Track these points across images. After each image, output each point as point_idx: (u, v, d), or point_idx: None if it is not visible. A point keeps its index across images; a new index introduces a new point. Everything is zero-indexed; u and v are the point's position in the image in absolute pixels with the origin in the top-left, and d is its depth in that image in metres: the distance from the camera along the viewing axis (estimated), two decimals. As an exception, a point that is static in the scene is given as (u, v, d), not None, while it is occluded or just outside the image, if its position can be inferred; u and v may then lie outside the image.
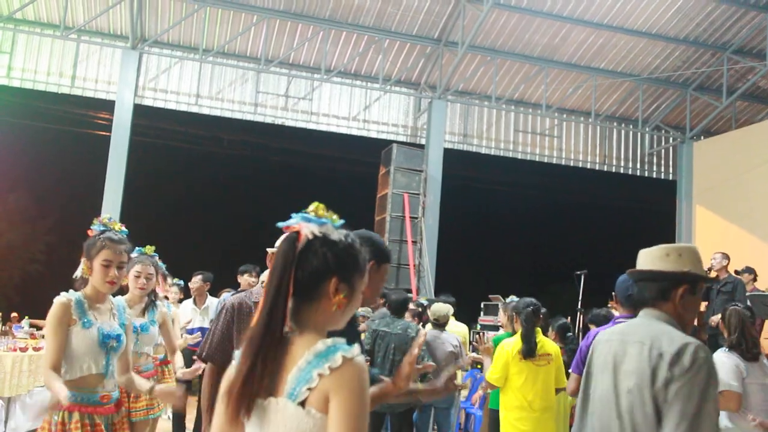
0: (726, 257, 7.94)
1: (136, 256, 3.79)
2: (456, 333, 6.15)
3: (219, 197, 25.32)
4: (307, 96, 11.82)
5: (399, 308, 5.18)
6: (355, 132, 12.14)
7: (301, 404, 1.29)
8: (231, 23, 11.07)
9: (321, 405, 1.27)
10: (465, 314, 8.79)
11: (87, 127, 14.77)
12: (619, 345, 2.11)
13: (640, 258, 2.22)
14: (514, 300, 5.34)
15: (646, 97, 12.89)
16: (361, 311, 6.16)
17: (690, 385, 1.85)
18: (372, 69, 11.93)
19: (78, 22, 10.66)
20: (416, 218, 11.35)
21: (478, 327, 9.68)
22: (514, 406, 4.45)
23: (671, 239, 12.14)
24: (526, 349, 4.46)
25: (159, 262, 4.05)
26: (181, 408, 3.26)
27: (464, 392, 7.15)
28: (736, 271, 8.05)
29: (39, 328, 7.09)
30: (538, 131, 12.95)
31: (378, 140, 12.16)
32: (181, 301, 6.64)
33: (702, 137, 13.15)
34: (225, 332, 2.75)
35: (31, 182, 21.24)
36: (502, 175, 18.80)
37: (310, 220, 1.41)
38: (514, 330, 4.93)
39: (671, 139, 13.50)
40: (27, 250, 22.25)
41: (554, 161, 13.11)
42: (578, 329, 8.83)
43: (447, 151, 12.03)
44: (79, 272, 2.78)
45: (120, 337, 2.75)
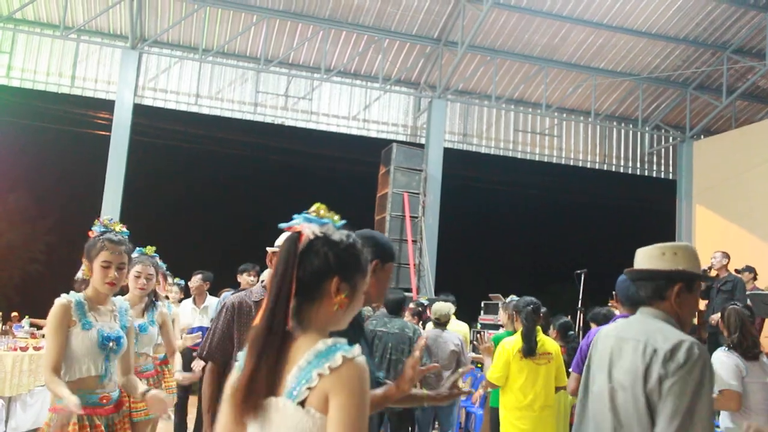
0: (726, 256, 7.96)
1: (136, 256, 3.80)
2: (457, 332, 6.15)
3: (219, 197, 25.35)
4: (307, 96, 11.82)
5: (395, 308, 5.16)
6: (354, 132, 12.13)
7: (301, 404, 1.29)
8: (231, 23, 11.06)
9: (321, 405, 1.27)
10: (465, 313, 8.78)
11: (87, 126, 14.80)
12: (615, 342, 2.12)
13: (637, 257, 2.22)
14: (514, 299, 5.34)
15: (646, 97, 12.89)
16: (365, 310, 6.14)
17: (683, 382, 1.85)
18: (372, 69, 11.92)
19: (78, 22, 10.65)
20: (416, 218, 11.34)
21: (479, 326, 9.70)
22: (514, 405, 4.45)
23: (671, 238, 12.12)
24: (527, 347, 4.46)
25: (159, 262, 4.06)
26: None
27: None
28: (736, 270, 8.06)
29: (39, 327, 7.10)
30: (538, 131, 12.95)
31: (378, 140, 12.15)
32: (181, 300, 6.65)
33: (702, 137, 13.15)
34: (225, 331, 2.77)
35: (31, 182, 21.27)
36: (502, 174, 18.84)
37: (311, 221, 1.42)
38: (514, 329, 4.94)
39: (671, 139, 13.50)
40: (27, 250, 22.27)
41: (554, 161, 13.11)
42: (578, 329, 8.83)
43: (447, 150, 12.02)
44: (80, 274, 2.78)
45: (120, 339, 2.75)
